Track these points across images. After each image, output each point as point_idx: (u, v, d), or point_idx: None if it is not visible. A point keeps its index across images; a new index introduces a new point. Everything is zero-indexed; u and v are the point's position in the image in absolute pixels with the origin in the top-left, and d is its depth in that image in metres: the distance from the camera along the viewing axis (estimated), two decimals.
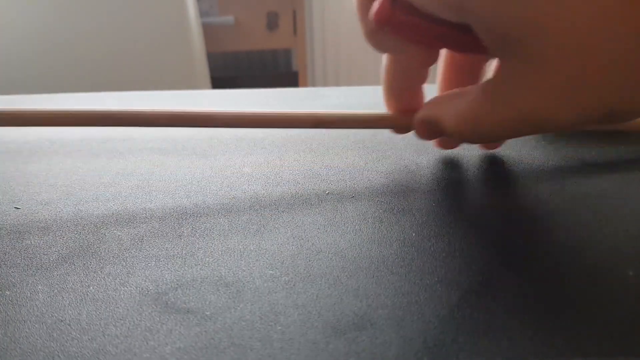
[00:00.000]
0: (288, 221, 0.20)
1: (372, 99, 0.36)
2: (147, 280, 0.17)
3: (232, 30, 1.39)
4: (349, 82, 1.59)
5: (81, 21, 0.91)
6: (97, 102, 0.36)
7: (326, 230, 0.19)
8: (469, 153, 0.26)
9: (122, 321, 0.15)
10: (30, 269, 0.17)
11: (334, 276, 0.17)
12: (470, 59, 0.23)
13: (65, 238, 0.19)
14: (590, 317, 0.15)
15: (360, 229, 0.19)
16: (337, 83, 1.61)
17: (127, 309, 0.15)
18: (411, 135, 0.23)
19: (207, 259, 0.18)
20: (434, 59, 0.22)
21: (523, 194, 0.22)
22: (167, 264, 0.17)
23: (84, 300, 0.16)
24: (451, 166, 0.25)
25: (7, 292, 0.16)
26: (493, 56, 0.19)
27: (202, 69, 1.04)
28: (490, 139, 0.21)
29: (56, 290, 0.16)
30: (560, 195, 0.22)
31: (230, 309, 0.15)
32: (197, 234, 0.19)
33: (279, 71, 1.66)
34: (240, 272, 0.17)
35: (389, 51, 0.21)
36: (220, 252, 0.18)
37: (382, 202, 0.21)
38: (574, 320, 0.14)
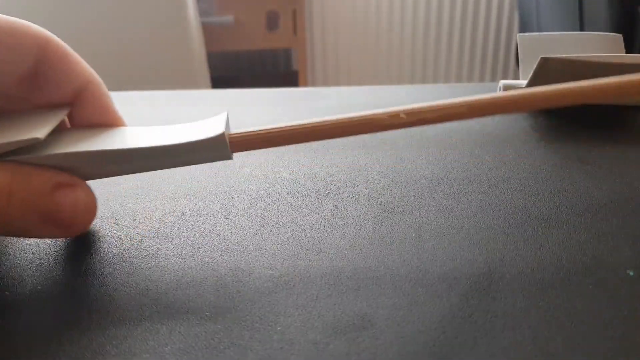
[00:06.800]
0: (288, 221, 0.20)
1: (372, 99, 0.36)
2: (147, 280, 0.17)
3: (231, 30, 1.39)
4: (349, 82, 1.59)
5: (80, 21, 0.91)
6: None
7: (326, 230, 0.19)
8: (470, 153, 0.26)
9: (122, 321, 0.15)
10: (30, 269, 0.17)
11: (334, 276, 0.17)
12: None
13: (65, 238, 0.19)
14: (591, 317, 0.15)
15: (360, 229, 0.19)
16: (337, 83, 1.61)
17: (127, 309, 0.15)
18: (411, 134, 0.23)
19: (207, 259, 0.18)
20: None
21: (523, 194, 0.22)
22: (167, 264, 0.17)
23: (84, 300, 0.16)
24: (451, 166, 0.25)
25: (7, 293, 0.16)
26: None
27: (202, 68, 1.04)
28: None
29: (56, 291, 0.16)
30: (560, 196, 0.22)
31: (230, 309, 0.15)
32: (197, 234, 0.19)
33: (279, 71, 1.66)
34: (240, 272, 0.17)
35: None
36: (220, 252, 0.18)
37: (382, 202, 0.21)
38: (574, 320, 0.14)
